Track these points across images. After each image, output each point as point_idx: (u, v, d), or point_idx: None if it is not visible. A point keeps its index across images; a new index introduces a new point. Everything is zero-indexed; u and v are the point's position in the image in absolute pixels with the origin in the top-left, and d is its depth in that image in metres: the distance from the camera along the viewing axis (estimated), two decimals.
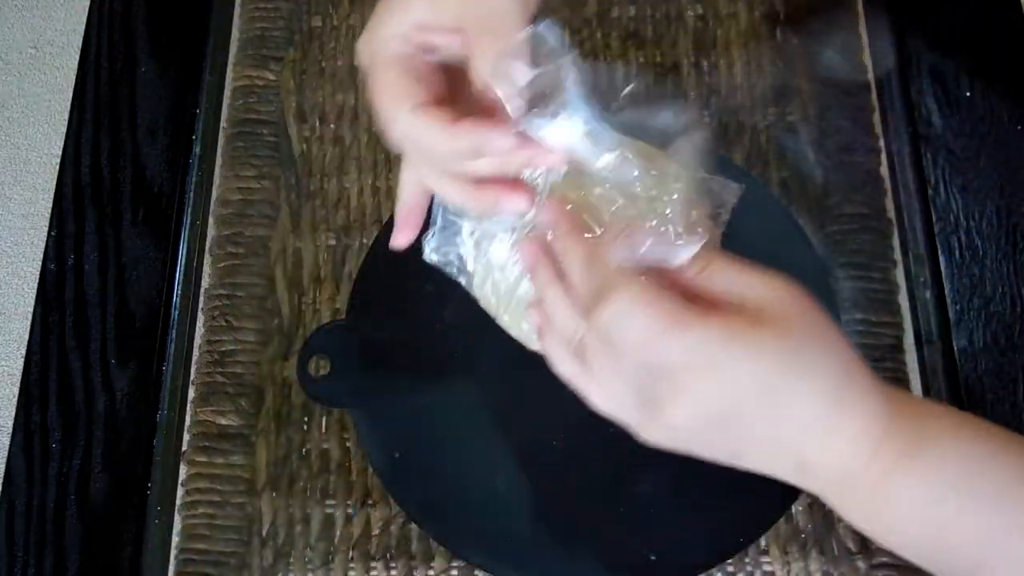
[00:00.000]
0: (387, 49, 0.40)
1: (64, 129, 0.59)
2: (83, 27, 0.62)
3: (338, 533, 0.51)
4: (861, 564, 0.48)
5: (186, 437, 0.53)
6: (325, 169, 0.59)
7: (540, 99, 0.39)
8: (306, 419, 0.53)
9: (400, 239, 0.43)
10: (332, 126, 0.60)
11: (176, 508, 0.52)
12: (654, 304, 0.34)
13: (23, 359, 0.54)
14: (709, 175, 0.42)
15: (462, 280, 0.46)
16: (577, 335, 0.36)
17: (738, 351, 0.33)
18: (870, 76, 0.59)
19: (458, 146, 0.38)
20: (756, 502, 0.47)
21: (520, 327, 0.45)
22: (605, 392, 0.36)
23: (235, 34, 0.63)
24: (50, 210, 0.57)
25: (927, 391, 0.52)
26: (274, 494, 0.51)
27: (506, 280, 0.44)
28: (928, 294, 0.54)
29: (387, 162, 0.58)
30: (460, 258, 0.46)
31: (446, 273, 0.46)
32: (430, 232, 0.46)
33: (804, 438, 0.35)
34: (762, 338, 0.33)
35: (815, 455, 0.35)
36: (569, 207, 0.41)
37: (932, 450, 0.34)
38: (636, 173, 0.41)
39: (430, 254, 0.46)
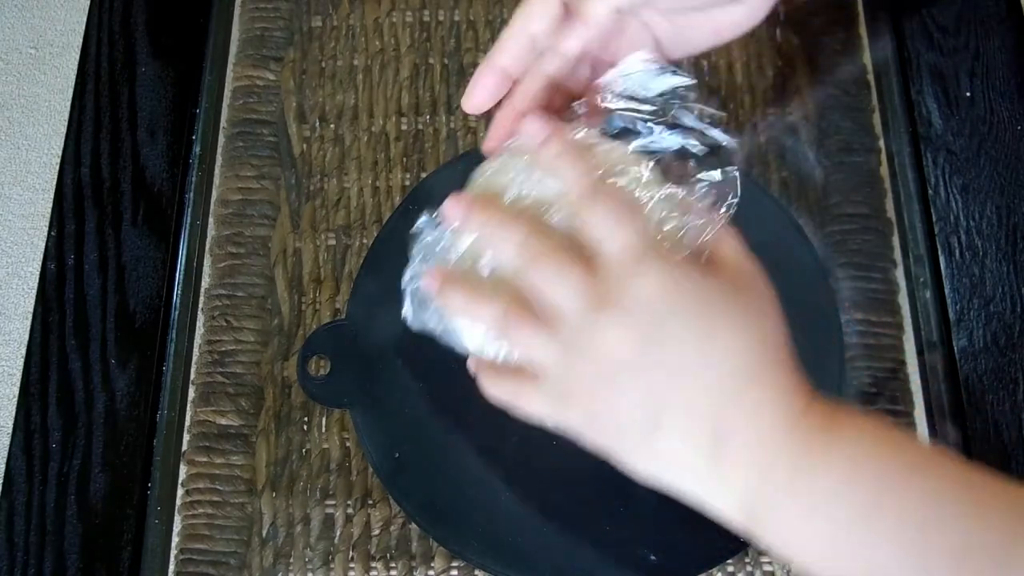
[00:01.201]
0: None
1: (64, 129, 0.59)
2: (83, 27, 0.62)
3: (338, 533, 0.51)
4: None
5: (186, 437, 0.53)
6: (325, 169, 0.59)
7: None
8: (306, 419, 0.53)
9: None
10: (332, 126, 0.60)
11: (176, 508, 0.52)
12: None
13: (23, 359, 0.54)
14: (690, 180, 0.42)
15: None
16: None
17: (692, 273, 0.36)
18: (870, 76, 0.59)
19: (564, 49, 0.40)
20: None
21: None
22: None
23: (235, 34, 0.63)
24: (50, 210, 0.57)
25: (927, 391, 0.52)
26: (274, 494, 0.51)
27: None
28: (928, 294, 0.54)
29: (387, 162, 0.58)
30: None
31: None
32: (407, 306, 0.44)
33: (728, 391, 0.35)
34: (716, 275, 0.37)
35: (734, 416, 0.35)
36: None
37: (849, 432, 0.35)
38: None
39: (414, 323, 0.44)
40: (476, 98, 0.43)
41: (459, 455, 0.49)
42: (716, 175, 0.41)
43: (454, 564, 0.50)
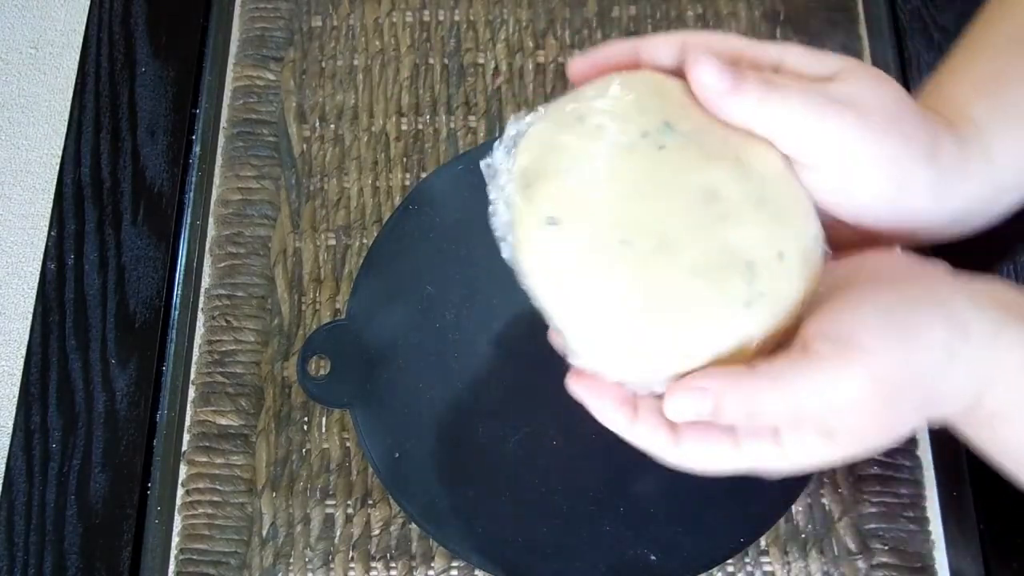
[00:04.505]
0: None
1: (64, 129, 0.59)
2: (83, 27, 0.62)
3: (338, 533, 0.51)
4: (861, 564, 0.48)
5: (186, 437, 0.53)
6: (325, 169, 0.59)
7: None
8: (306, 419, 0.53)
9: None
10: (332, 126, 0.60)
11: (176, 508, 0.52)
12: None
13: (23, 359, 0.54)
14: None
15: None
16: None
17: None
18: None
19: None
20: (756, 502, 0.47)
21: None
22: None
23: (235, 34, 0.63)
24: (50, 210, 0.57)
25: None
26: (274, 494, 0.51)
27: None
28: None
29: (387, 162, 0.58)
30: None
31: None
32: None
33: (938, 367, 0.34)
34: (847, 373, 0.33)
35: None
36: None
37: None
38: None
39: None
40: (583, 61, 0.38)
41: (459, 455, 0.49)
42: None
43: (454, 564, 0.50)
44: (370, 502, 0.51)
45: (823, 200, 0.36)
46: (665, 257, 0.33)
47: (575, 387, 0.37)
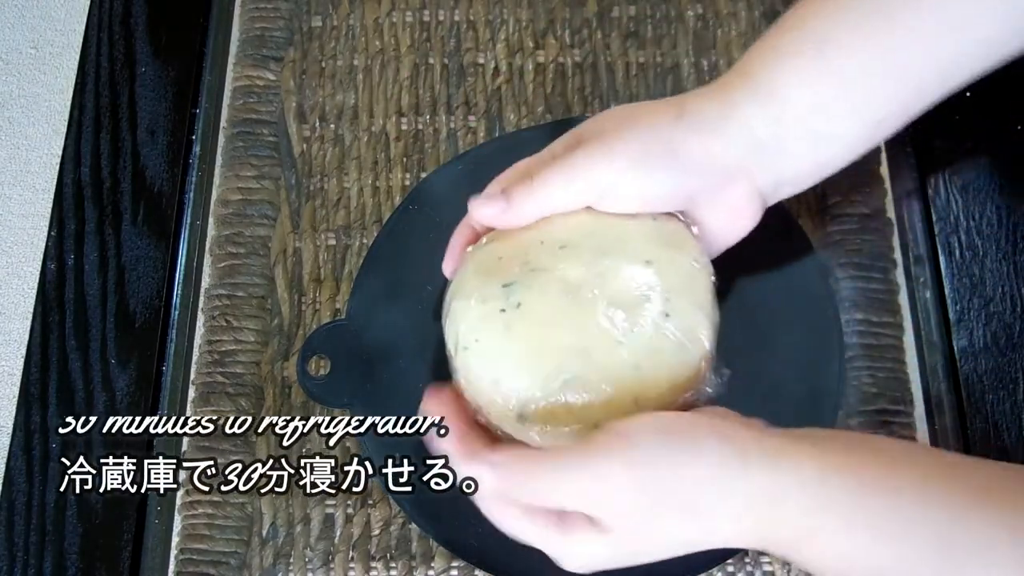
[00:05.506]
0: None
1: (64, 129, 0.59)
2: (83, 27, 0.62)
3: (338, 533, 0.51)
4: None
5: (186, 437, 0.53)
6: (325, 169, 0.59)
7: None
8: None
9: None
10: (332, 126, 0.60)
11: (176, 508, 0.52)
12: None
13: (23, 359, 0.54)
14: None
15: None
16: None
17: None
18: None
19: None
20: None
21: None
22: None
23: (235, 34, 0.63)
24: (50, 210, 0.57)
25: (927, 391, 0.52)
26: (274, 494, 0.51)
27: None
28: (928, 294, 0.54)
29: (387, 162, 0.58)
30: None
31: None
32: None
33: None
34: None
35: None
36: None
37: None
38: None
39: None
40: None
41: None
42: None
43: (454, 564, 0.50)
44: (370, 502, 0.51)
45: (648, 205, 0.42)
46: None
47: (433, 399, 0.42)
